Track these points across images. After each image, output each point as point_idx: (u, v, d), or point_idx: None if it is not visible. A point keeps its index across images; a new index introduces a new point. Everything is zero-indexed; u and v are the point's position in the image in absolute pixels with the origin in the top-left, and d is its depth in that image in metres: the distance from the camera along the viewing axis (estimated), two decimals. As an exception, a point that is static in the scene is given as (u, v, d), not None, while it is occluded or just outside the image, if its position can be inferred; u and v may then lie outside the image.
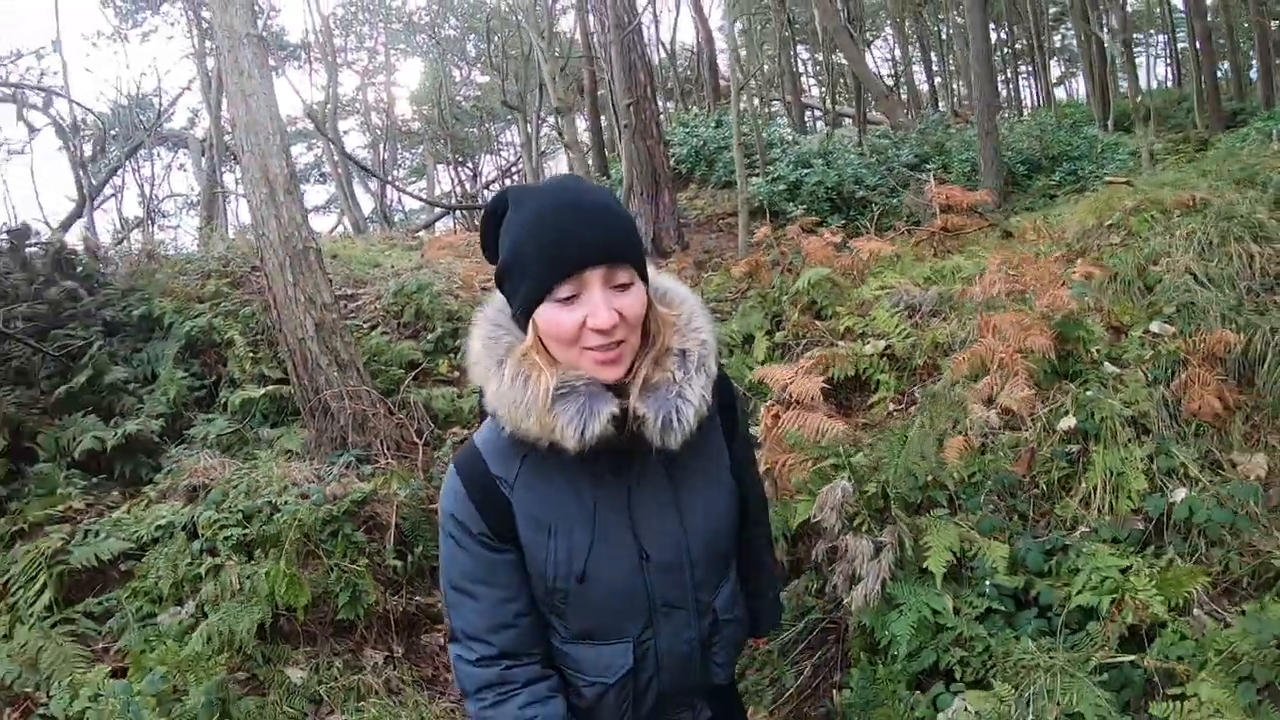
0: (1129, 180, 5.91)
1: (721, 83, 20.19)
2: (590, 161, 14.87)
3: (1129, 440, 2.82)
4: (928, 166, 10.27)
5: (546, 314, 1.15)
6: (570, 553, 1.25)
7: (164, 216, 20.26)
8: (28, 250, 6.56)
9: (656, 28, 22.26)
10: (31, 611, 3.36)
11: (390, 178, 24.11)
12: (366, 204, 24.26)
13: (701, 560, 1.34)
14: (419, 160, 30.15)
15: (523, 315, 1.19)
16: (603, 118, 16.87)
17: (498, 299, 1.27)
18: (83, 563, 3.59)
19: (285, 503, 3.75)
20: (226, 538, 3.61)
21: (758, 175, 11.06)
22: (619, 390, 1.20)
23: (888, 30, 29.09)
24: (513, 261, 1.17)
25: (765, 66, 24.37)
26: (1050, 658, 2.19)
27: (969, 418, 3.16)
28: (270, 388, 5.47)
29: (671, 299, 1.29)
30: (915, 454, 2.78)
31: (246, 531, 3.64)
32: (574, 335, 1.14)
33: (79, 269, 6.66)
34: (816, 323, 4.67)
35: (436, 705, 3.30)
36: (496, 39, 18.49)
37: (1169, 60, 28.72)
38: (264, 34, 6.03)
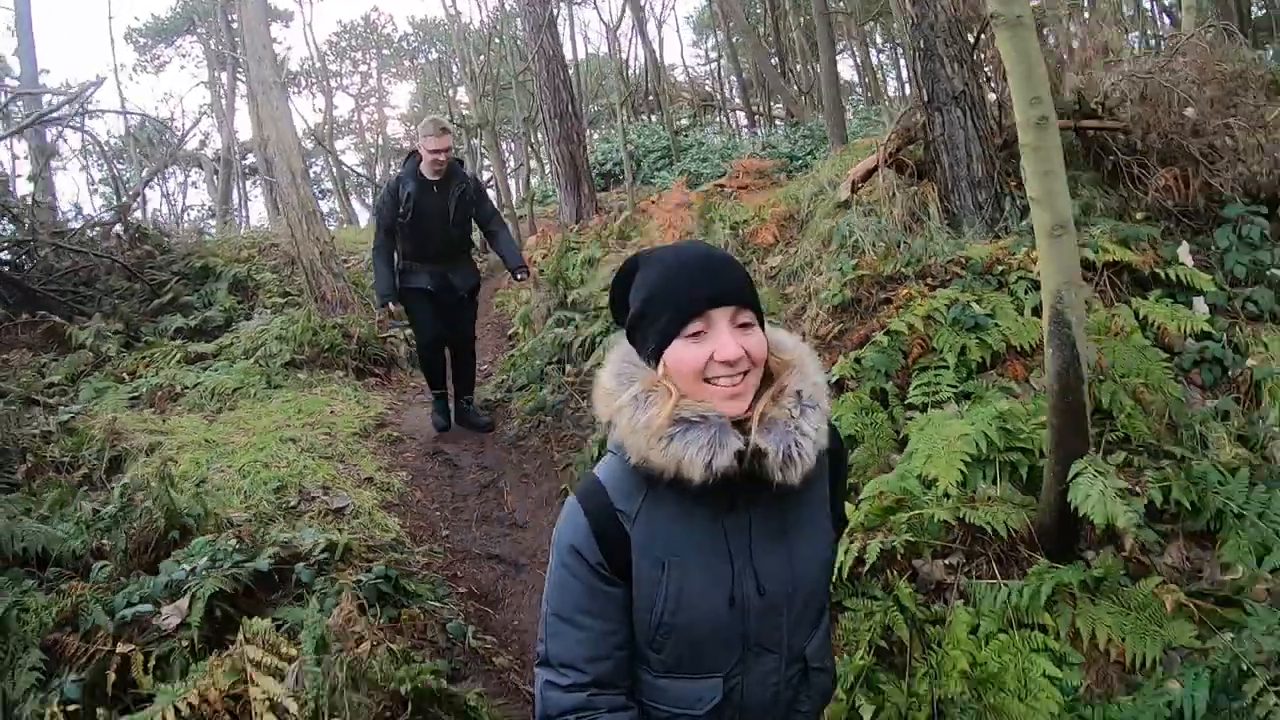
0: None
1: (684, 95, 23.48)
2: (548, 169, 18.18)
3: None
4: (783, 152, 13.43)
5: (677, 351, 1.27)
6: (680, 587, 1.32)
7: (189, 221, 23.73)
8: (117, 225, 9.90)
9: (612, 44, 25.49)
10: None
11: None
12: (362, 216, 27.77)
13: (800, 604, 1.41)
14: (409, 174, 33.67)
15: (654, 356, 1.31)
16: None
17: (624, 348, 1.39)
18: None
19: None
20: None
21: (666, 170, 14.36)
22: (740, 428, 1.28)
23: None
24: (644, 310, 1.31)
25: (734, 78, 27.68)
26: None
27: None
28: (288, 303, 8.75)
29: (787, 349, 1.39)
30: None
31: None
32: (701, 368, 1.26)
33: (149, 239, 9.96)
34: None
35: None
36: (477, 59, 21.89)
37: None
38: (283, 80, 9.42)
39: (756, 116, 23.71)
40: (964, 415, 3.33)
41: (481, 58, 15.80)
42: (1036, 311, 3.79)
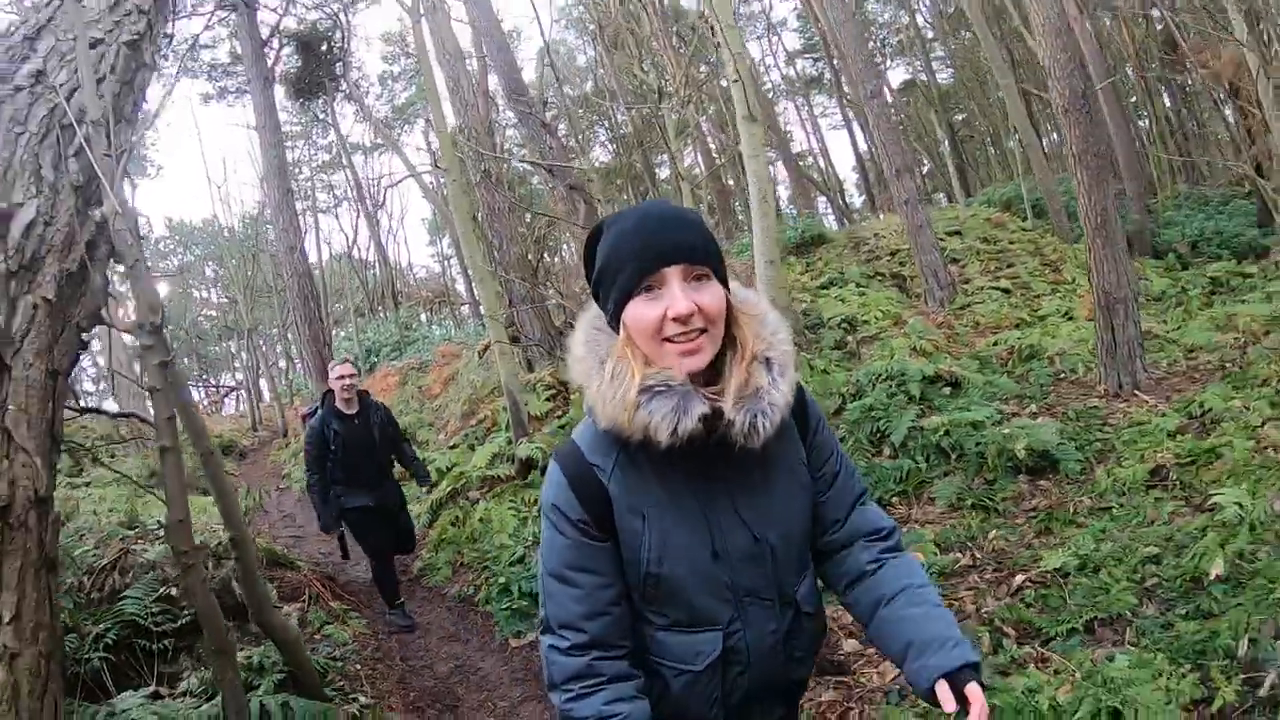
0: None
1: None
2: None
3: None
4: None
5: (633, 310, 1.34)
6: (663, 538, 1.39)
7: None
8: None
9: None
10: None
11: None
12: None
13: (780, 551, 1.47)
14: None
15: (614, 317, 1.39)
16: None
17: (594, 309, 1.47)
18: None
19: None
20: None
21: (397, 359, 18.72)
22: (711, 393, 1.35)
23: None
24: (604, 268, 1.38)
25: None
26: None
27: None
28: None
29: (749, 305, 1.45)
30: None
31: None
32: (657, 326, 1.31)
33: None
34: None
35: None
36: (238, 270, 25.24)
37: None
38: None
39: (480, 309, 28.65)
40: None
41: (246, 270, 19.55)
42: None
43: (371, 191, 28.22)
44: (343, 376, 5.50)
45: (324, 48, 22.81)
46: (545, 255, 10.35)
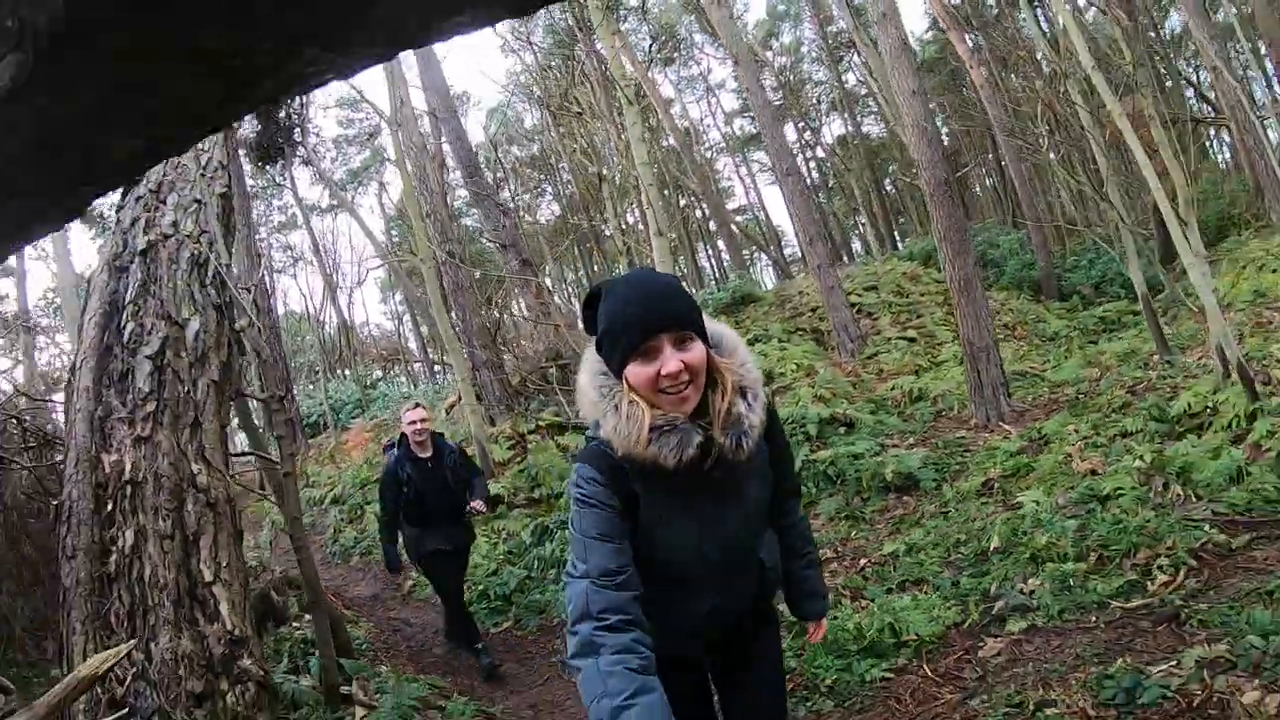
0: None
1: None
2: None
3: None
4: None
5: (634, 369, 1.69)
6: (668, 529, 1.79)
7: None
8: None
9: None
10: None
11: None
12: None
13: (753, 520, 1.92)
14: None
15: (617, 371, 1.73)
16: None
17: (591, 354, 1.82)
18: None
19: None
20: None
21: (360, 417, 19.78)
22: (703, 424, 1.73)
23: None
24: (608, 331, 1.74)
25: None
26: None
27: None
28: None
29: (724, 344, 1.83)
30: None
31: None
32: (654, 382, 1.68)
33: None
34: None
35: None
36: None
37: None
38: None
39: (434, 366, 29.85)
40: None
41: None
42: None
43: (324, 250, 29.36)
44: (414, 421, 5.55)
45: (283, 114, 24.13)
46: (502, 321, 11.76)
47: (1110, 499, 4.99)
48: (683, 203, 28.55)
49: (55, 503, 3.37)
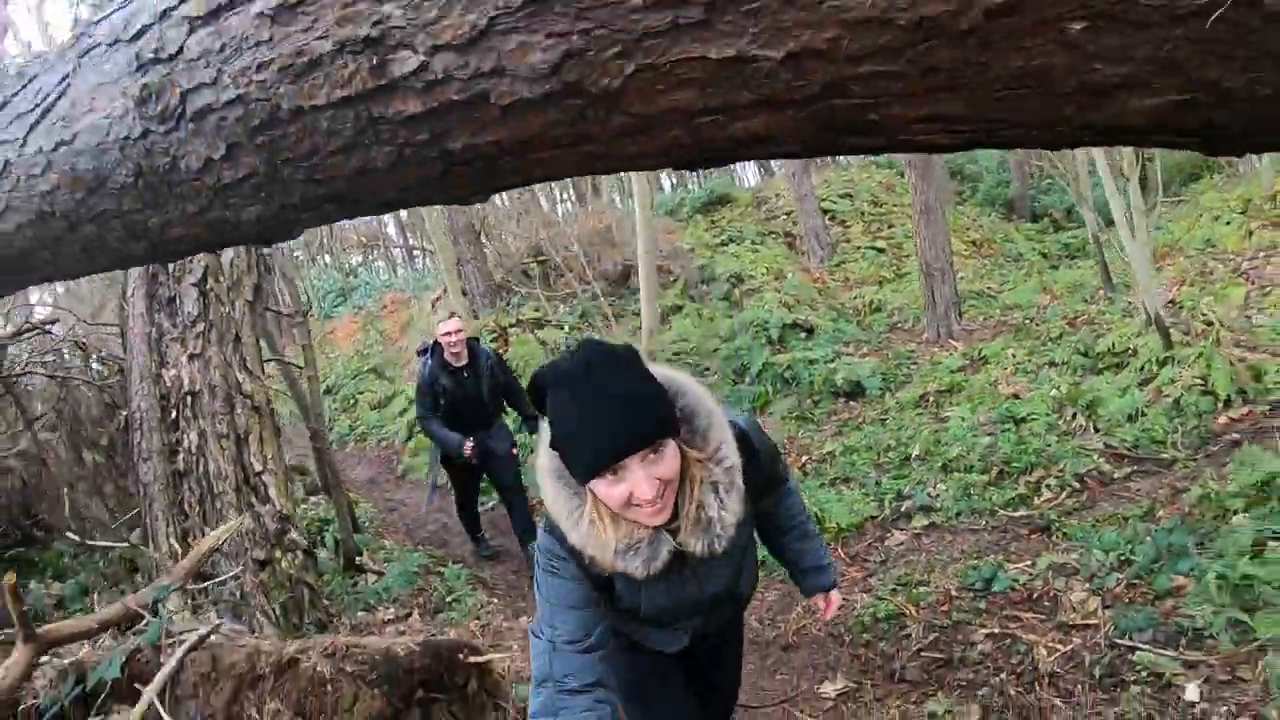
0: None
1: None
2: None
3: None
4: (418, 284, 20.08)
5: (600, 489, 1.47)
6: (660, 596, 1.78)
7: None
8: None
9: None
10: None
11: None
12: None
13: (737, 561, 1.88)
14: None
15: (580, 484, 1.52)
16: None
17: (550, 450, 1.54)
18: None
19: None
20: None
21: (342, 306, 20.29)
22: (673, 528, 1.59)
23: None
24: (562, 441, 1.49)
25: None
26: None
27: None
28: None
29: (696, 424, 1.58)
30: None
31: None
32: (624, 503, 1.47)
33: None
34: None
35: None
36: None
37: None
38: None
39: (413, 251, 29.93)
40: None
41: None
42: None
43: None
44: (449, 333, 5.40)
45: None
46: (486, 218, 12.28)
47: (1024, 421, 5.66)
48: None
49: (124, 414, 4.06)
